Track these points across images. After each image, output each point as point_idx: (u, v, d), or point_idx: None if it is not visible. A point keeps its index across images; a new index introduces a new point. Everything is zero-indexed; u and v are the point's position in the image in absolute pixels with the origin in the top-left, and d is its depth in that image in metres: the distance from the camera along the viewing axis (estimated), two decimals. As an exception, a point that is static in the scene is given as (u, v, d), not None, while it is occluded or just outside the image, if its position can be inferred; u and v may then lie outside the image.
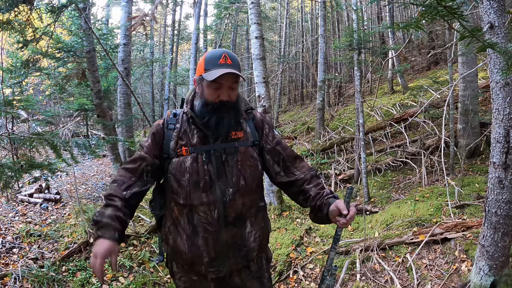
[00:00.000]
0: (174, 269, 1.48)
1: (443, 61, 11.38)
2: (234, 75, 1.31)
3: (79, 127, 11.09)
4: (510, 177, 2.12)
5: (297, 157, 1.50)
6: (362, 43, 5.14)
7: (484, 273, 2.29)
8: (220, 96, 1.33)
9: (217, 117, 1.33)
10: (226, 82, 1.32)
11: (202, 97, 1.36)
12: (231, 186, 1.34)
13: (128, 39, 6.34)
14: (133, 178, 1.37)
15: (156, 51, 19.23)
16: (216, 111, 1.33)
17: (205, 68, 1.32)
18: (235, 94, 1.37)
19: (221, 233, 1.35)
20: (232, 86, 1.35)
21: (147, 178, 1.39)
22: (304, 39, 16.27)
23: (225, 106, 1.34)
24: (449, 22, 1.24)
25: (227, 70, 1.28)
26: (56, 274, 2.85)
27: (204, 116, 1.34)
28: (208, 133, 1.36)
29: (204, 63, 1.34)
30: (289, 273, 3.25)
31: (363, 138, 5.08)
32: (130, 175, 1.38)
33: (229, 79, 1.32)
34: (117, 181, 1.37)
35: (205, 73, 1.31)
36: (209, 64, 1.32)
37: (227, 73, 1.28)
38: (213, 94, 1.33)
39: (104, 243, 1.20)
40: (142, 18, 1.72)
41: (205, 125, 1.35)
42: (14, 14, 2.97)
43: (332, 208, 1.30)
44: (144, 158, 1.38)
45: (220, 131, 1.35)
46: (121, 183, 1.35)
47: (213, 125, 1.34)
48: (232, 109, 1.36)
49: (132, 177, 1.37)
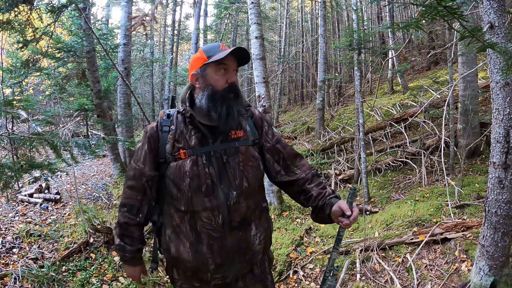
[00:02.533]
0: (175, 276, 1.43)
1: (443, 61, 11.38)
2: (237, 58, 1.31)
3: (79, 127, 11.09)
4: (510, 177, 2.11)
5: (297, 155, 1.46)
6: (362, 43, 5.14)
7: (484, 273, 2.29)
8: (229, 80, 1.30)
9: (227, 105, 1.28)
10: (232, 64, 1.31)
11: (208, 87, 1.30)
12: (234, 188, 1.28)
13: (128, 39, 6.35)
14: (139, 197, 1.35)
15: (156, 51, 19.22)
16: (225, 98, 1.29)
17: (208, 56, 1.29)
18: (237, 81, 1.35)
19: (226, 239, 1.30)
20: (236, 69, 1.34)
21: (151, 192, 1.37)
22: (304, 39, 16.26)
23: (234, 90, 1.30)
24: (449, 22, 1.24)
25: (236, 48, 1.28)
26: (56, 274, 2.85)
27: (214, 106, 1.28)
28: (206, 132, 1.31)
29: (203, 54, 1.31)
30: (289, 273, 3.25)
31: (363, 138, 5.08)
32: (136, 194, 1.36)
33: (234, 61, 1.31)
34: (127, 205, 1.36)
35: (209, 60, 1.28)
36: (210, 52, 1.30)
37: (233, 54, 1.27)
38: (222, 79, 1.29)
39: (136, 270, 1.49)
40: (142, 18, 1.71)
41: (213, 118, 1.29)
42: (14, 14, 2.97)
43: (334, 208, 1.27)
44: (143, 173, 1.34)
45: (230, 123, 1.29)
46: (131, 207, 1.36)
47: (224, 116, 1.27)
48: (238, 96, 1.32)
49: (138, 196, 1.35)
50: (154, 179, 1.35)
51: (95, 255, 3.26)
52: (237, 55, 1.30)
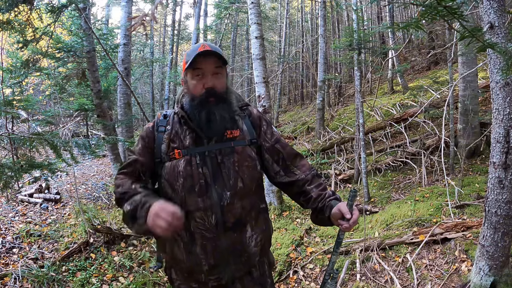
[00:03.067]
0: (173, 276, 1.42)
1: (443, 61, 11.38)
2: (214, 58, 1.26)
3: (79, 127, 11.10)
4: (510, 177, 2.12)
5: (297, 155, 1.43)
6: (362, 43, 5.14)
7: (484, 273, 2.29)
8: (206, 85, 1.26)
9: (206, 111, 1.25)
10: (207, 67, 1.26)
11: (189, 93, 1.30)
12: (228, 189, 1.26)
13: (128, 39, 6.35)
14: (131, 180, 1.34)
15: (156, 51, 19.23)
16: (204, 103, 1.25)
17: (186, 61, 1.27)
18: (221, 83, 1.29)
19: (220, 240, 1.28)
20: (216, 71, 1.28)
21: (145, 178, 1.35)
22: (304, 39, 16.26)
23: (212, 95, 1.26)
24: (449, 22, 1.23)
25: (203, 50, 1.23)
26: (56, 274, 2.85)
27: (194, 113, 1.27)
28: (201, 134, 1.29)
29: (185, 58, 1.29)
30: (289, 273, 3.25)
31: (363, 138, 5.08)
32: (128, 178, 1.34)
33: (210, 63, 1.26)
34: (120, 185, 1.34)
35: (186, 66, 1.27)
36: (189, 56, 1.26)
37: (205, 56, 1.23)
38: (198, 85, 1.26)
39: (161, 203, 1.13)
40: (142, 18, 1.71)
41: (197, 124, 1.28)
42: (14, 14, 2.97)
43: (334, 211, 1.24)
44: (136, 160, 1.34)
45: (213, 128, 1.26)
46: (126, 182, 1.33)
47: (203, 121, 1.25)
48: (221, 100, 1.27)
49: (131, 179, 1.35)
50: (148, 168, 1.34)
51: (95, 255, 3.26)
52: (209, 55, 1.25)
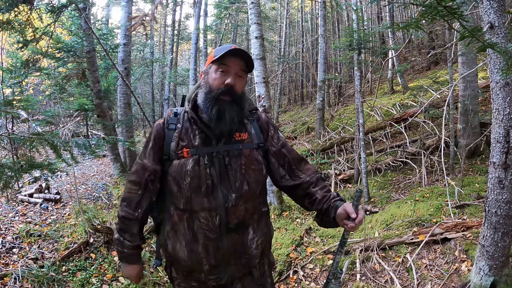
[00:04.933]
0: (173, 275, 1.44)
1: (443, 61, 11.38)
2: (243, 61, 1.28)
3: (79, 127, 11.09)
4: (510, 177, 2.12)
5: (302, 160, 1.46)
6: (362, 43, 5.14)
7: (484, 273, 2.29)
8: (226, 81, 1.26)
9: (218, 108, 1.24)
10: (234, 66, 1.28)
11: (206, 85, 1.30)
12: (234, 191, 1.28)
13: (128, 39, 6.35)
14: (139, 192, 1.35)
15: (156, 51, 19.22)
16: (219, 99, 1.25)
17: (215, 55, 1.27)
18: (241, 86, 1.30)
19: (222, 240, 1.29)
20: (240, 74, 1.29)
21: (153, 187, 1.36)
22: (304, 39, 16.26)
23: (230, 93, 1.26)
24: (449, 22, 1.23)
25: (236, 49, 1.26)
26: (56, 274, 2.85)
27: (206, 106, 1.26)
28: (209, 134, 1.30)
29: (213, 53, 1.30)
30: (289, 273, 3.25)
31: (363, 138, 5.08)
32: (137, 188, 1.35)
33: (237, 64, 1.28)
34: (126, 199, 1.36)
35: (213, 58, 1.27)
36: (219, 51, 1.27)
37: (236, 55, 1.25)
38: (220, 79, 1.27)
39: (134, 268, 1.43)
40: (142, 18, 1.71)
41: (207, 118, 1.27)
42: (14, 14, 2.96)
43: (339, 211, 1.26)
44: (146, 168, 1.34)
45: (221, 127, 1.26)
46: (130, 201, 1.36)
47: (214, 118, 1.25)
48: (235, 101, 1.28)
49: (139, 190, 1.35)
50: (157, 175, 1.35)
51: (95, 255, 3.26)
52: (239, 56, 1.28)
